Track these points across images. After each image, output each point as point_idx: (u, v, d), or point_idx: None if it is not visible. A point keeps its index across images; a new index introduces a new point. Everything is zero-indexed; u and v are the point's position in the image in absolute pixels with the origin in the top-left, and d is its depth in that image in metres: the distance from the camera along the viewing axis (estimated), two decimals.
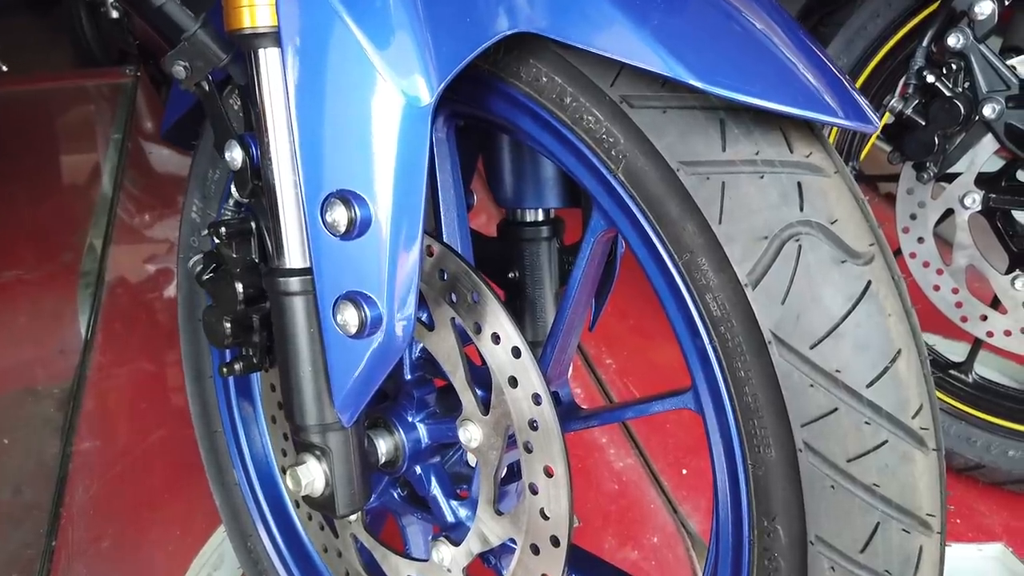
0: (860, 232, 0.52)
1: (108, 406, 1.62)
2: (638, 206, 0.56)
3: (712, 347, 0.54)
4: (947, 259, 1.25)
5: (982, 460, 1.27)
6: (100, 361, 1.76)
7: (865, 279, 0.51)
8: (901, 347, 0.51)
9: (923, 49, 1.16)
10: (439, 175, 0.76)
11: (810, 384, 0.50)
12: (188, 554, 1.27)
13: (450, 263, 0.67)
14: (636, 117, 0.54)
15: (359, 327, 0.61)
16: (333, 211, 0.60)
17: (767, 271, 0.51)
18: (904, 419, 0.50)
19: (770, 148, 0.52)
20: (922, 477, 0.51)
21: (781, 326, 0.50)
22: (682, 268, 0.55)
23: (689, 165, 0.52)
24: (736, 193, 0.51)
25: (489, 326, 0.66)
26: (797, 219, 0.51)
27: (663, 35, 0.50)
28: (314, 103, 0.60)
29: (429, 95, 0.57)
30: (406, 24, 0.57)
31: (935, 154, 1.17)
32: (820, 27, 1.30)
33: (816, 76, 0.52)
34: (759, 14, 0.55)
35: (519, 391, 0.65)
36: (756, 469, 0.54)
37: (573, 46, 0.52)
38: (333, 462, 0.69)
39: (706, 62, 0.49)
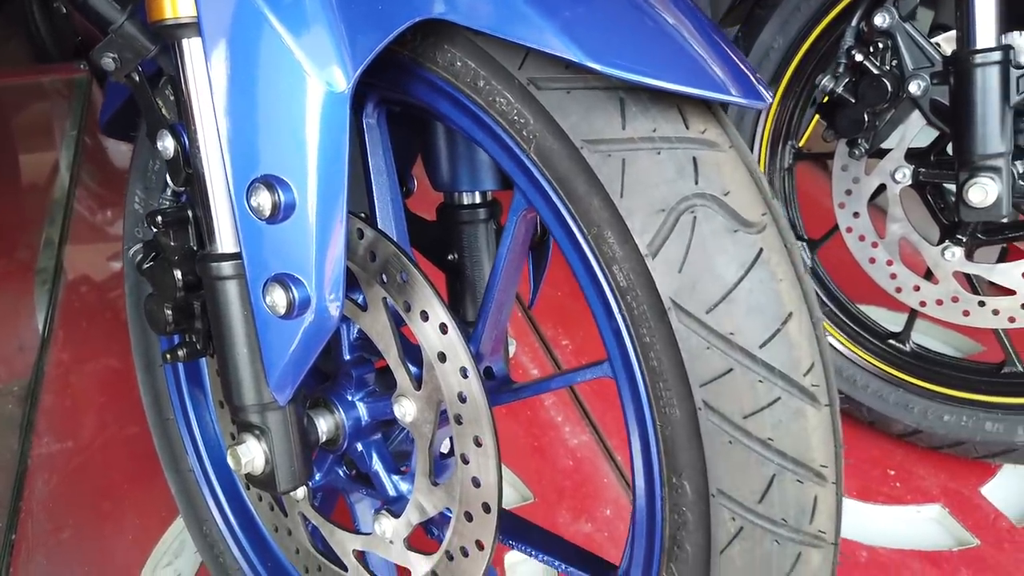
0: (752, 203, 0.55)
1: (67, 401, 1.62)
2: (550, 184, 0.59)
3: (621, 315, 0.57)
4: (882, 232, 1.29)
5: (920, 426, 1.32)
6: (58, 357, 1.76)
7: (757, 247, 0.54)
8: (792, 310, 0.54)
9: (852, 29, 1.20)
10: (371, 160, 0.78)
11: (707, 347, 0.53)
12: (149, 542, 1.28)
13: (380, 245, 0.70)
14: (543, 98, 0.57)
15: (288, 308, 0.63)
16: (258, 196, 0.62)
17: (665, 242, 0.54)
18: (796, 377, 0.54)
19: (667, 125, 0.54)
20: (815, 431, 0.55)
21: (679, 293, 0.53)
22: (591, 241, 0.57)
23: (592, 143, 0.55)
24: (635, 169, 0.54)
25: (418, 304, 0.68)
26: (692, 192, 0.54)
27: (563, 20, 0.52)
28: (236, 91, 0.62)
29: (346, 82, 0.59)
30: (321, 13, 0.59)
31: (866, 131, 1.21)
32: (757, 9, 1.33)
33: (710, 57, 0.55)
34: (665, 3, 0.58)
35: (448, 365, 0.67)
36: (664, 429, 0.57)
37: (482, 32, 0.55)
38: (272, 440, 0.71)
39: (602, 45, 0.52)
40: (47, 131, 3.14)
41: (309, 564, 0.89)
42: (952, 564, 1.20)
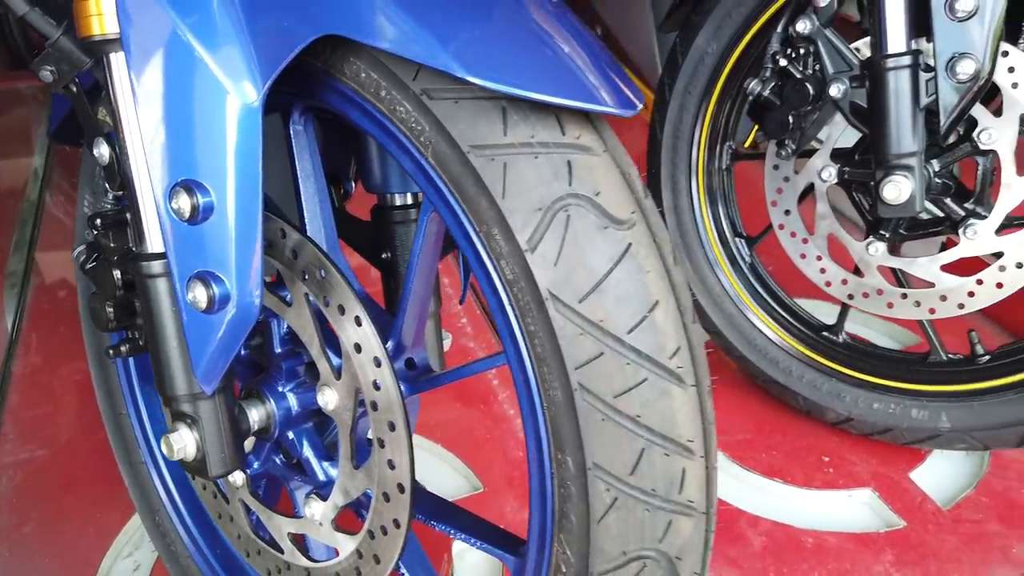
0: (623, 202, 0.60)
1: (33, 401, 1.66)
2: (446, 186, 0.64)
3: (510, 306, 0.62)
4: (811, 229, 1.35)
5: (851, 414, 1.38)
6: (25, 358, 1.80)
7: (626, 242, 0.59)
8: (659, 299, 0.59)
9: (777, 35, 1.26)
10: (298, 164, 0.83)
11: (580, 333, 0.58)
12: (109, 535, 1.32)
13: (301, 245, 0.75)
14: (434, 108, 0.62)
15: (209, 303, 0.68)
16: (178, 199, 0.67)
17: (542, 238, 0.59)
18: (662, 360, 0.59)
19: (545, 132, 0.60)
20: (681, 409, 0.60)
21: (555, 285, 0.59)
22: (483, 238, 0.63)
23: (477, 148, 0.60)
24: (516, 172, 0.59)
25: (336, 299, 0.73)
26: (566, 192, 0.59)
27: (448, 37, 0.57)
28: (157, 101, 0.67)
29: (256, 94, 0.64)
30: (232, 30, 0.64)
31: (792, 132, 1.27)
32: (693, 15, 1.39)
33: (587, 69, 0.60)
34: (541, 15, 0.63)
35: (363, 356, 0.73)
36: (549, 410, 0.62)
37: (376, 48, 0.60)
38: (203, 428, 0.76)
39: (483, 60, 0.57)
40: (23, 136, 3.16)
41: (250, 548, 0.94)
42: (879, 545, 1.26)
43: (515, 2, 0.64)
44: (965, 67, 1.06)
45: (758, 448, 1.46)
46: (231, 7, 0.63)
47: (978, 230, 1.19)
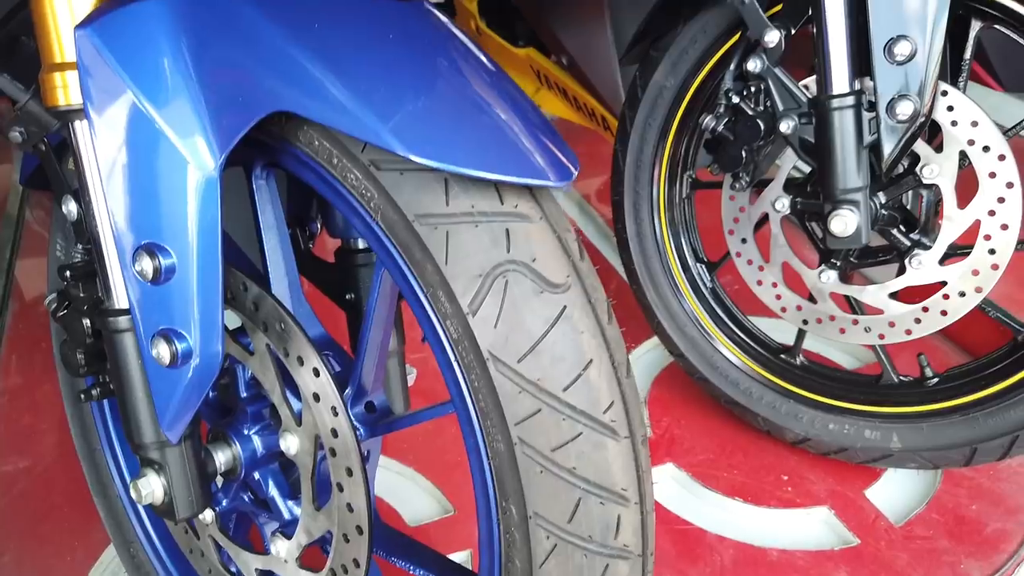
0: (558, 267, 0.64)
1: (11, 427, 1.68)
2: (395, 248, 0.68)
3: (456, 362, 0.66)
4: (767, 257, 1.40)
5: (808, 434, 1.43)
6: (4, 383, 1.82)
7: (561, 305, 0.63)
8: (593, 357, 0.63)
9: (730, 72, 1.30)
10: (261, 216, 0.86)
11: (519, 391, 0.62)
12: (86, 565, 1.35)
13: (262, 298, 0.78)
14: (382, 178, 0.66)
15: (171, 359, 0.71)
16: (141, 261, 0.70)
17: (483, 302, 0.63)
18: (596, 414, 0.63)
19: (484, 202, 0.64)
20: (615, 460, 0.64)
21: (495, 346, 0.63)
22: (429, 299, 0.67)
23: (422, 217, 0.64)
24: (457, 240, 0.63)
25: (295, 351, 0.77)
26: (505, 259, 0.63)
27: (390, 115, 0.61)
28: (119, 168, 0.70)
29: (213, 163, 0.67)
30: (189, 104, 0.67)
31: (745, 165, 1.31)
32: (651, 51, 1.43)
33: (524, 142, 0.64)
34: (481, 84, 0.67)
35: (321, 405, 0.76)
36: (493, 460, 0.66)
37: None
38: (170, 474, 0.79)
39: (424, 138, 0.61)
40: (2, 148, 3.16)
41: None
42: (834, 562, 1.30)
43: (456, 72, 0.68)
44: (904, 108, 1.11)
45: (720, 467, 1.50)
46: (189, 83, 0.67)
47: (923, 260, 1.24)
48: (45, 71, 0.72)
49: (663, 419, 1.62)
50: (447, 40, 0.71)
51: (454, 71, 0.67)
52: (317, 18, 0.66)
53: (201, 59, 0.67)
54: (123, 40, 0.68)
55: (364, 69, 0.63)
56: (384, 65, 0.64)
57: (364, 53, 0.64)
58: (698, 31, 1.36)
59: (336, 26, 0.66)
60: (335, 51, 0.64)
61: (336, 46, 0.64)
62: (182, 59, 0.67)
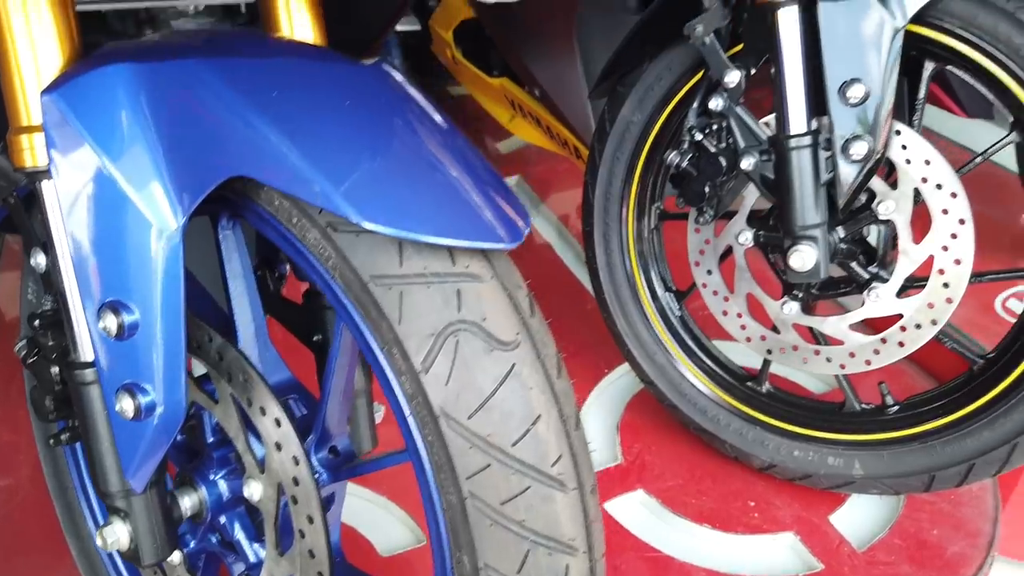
0: (508, 325, 0.66)
1: None
2: (352, 306, 0.70)
3: (412, 416, 0.69)
4: (732, 288, 1.43)
5: (774, 460, 1.46)
6: None
7: (510, 362, 0.66)
8: (541, 412, 0.66)
9: (694, 110, 1.34)
10: (227, 265, 0.88)
11: (470, 446, 0.65)
12: None
13: (226, 349, 0.80)
14: (338, 239, 0.68)
15: (135, 413, 0.73)
16: (105, 319, 0.72)
17: (434, 361, 0.65)
18: (544, 468, 0.65)
19: (437, 263, 0.66)
20: (563, 511, 0.66)
21: (446, 403, 0.65)
22: (386, 356, 0.69)
23: (376, 278, 0.67)
24: (410, 300, 0.66)
25: (257, 401, 0.79)
26: (456, 319, 0.65)
27: (343, 182, 0.64)
28: (84, 227, 0.72)
29: (175, 224, 0.69)
30: (151, 167, 0.69)
31: (709, 200, 1.35)
32: (619, 87, 1.47)
33: (475, 201, 0.67)
34: (436, 145, 0.70)
35: (283, 454, 0.78)
36: (447, 512, 0.68)
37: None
38: (135, 521, 0.81)
39: (376, 205, 0.63)
40: None
41: None
42: None
43: (411, 136, 0.70)
44: (858, 148, 1.15)
45: (689, 493, 1.53)
46: (152, 147, 0.69)
47: (880, 293, 1.27)
48: (12, 133, 0.73)
49: (634, 445, 1.64)
50: (404, 103, 0.73)
51: (409, 134, 0.70)
52: (275, 85, 0.68)
53: (163, 124, 0.69)
54: (88, 105, 0.70)
55: (320, 136, 0.66)
56: (340, 131, 0.67)
57: (320, 120, 0.67)
58: (663, 68, 1.39)
59: (293, 93, 0.68)
60: (292, 118, 0.66)
61: (293, 113, 0.67)
62: (145, 124, 0.69)
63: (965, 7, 1.11)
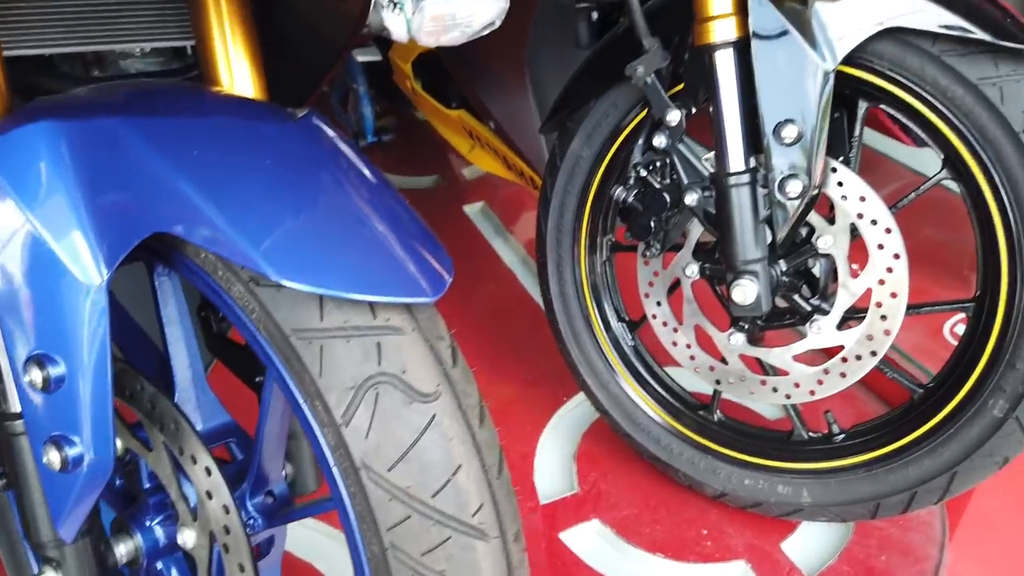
0: (428, 376, 0.68)
1: None
2: (279, 359, 0.71)
3: (335, 467, 0.69)
4: (680, 319, 1.45)
5: (725, 489, 1.47)
6: None
7: (431, 414, 0.67)
8: (462, 463, 0.67)
9: (639, 147, 1.37)
10: (163, 311, 0.89)
11: (390, 498, 0.66)
12: None
13: (156, 397, 0.81)
14: (260, 293, 0.69)
15: (62, 465, 0.73)
16: (31, 372, 0.72)
17: (355, 414, 0.66)
18: (464, 518, 0.66)
19: (357, 317, 0.67)
20: (484, 560, 0.67)
21: (367, 455, 0.66)
22: (311, 408, 0.70)
23: (298, 331, 0.68)
24: (331, 354, 0.67)
25: (188, 450, 0.79)
26: (376, 372, 0.66)
27: (262, 239, 0.65)
28: (9, 281, 0.72)
29: (100, 279, 0.70)
30: (76, 223, 0.69)
31: (655, 234, 1.37)
32: (568, 123, 1.49)
33: (397, 255, 0.68)
34: (360, 198, 0.71)
35: (214, 502, 0.79)
36: (371, 562, 0.69)
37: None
38: (67, 571, 0.81)
39: (294, 262, 0.65)
40: None
41: None
42: None
43: (335, 191, 0.72)
44: (793, 187, 1.18)
45: (644, 523, 1.54)
46: (75, 203, 0.69)
47: (822, 325, 1.30)
48: None
49: (591, 474, 1.66)
50: (331, 157, 0.75)
51: (334, 189, 0.71)
52: (199, 143, 0.69)
53: (87, 181, 0.69)
54: (12, 161, 0.70)
55: (240, 194, 0.67)
56: (261, 189, 0.68)
57: (241, 177, 0.68)
58: (609, 105, 1.42)
59: (216, 151, 0.69)
60: (213, 176, 0.67)
61: (215, 171, 0.68)
62: (69, 181, 0.70)
63: (894, 50, 1.15)
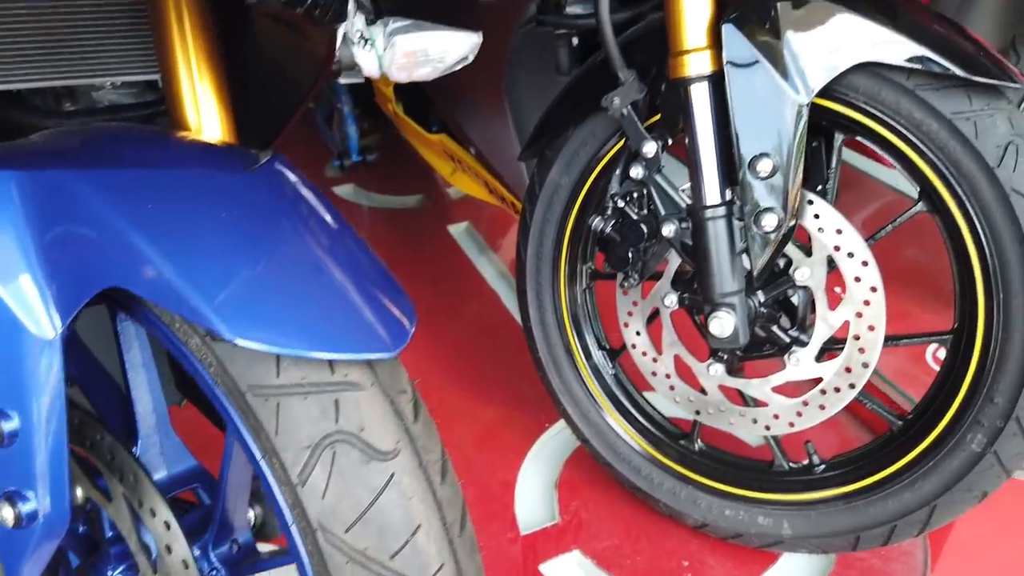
0: (387, 434, 0.66)
1: None
2: (236, 414, 0.70)
3: (294, 525, 0.68)
4: (660, 349, 1.44)
5: (706, 519, 1.46)
6: None
7: (389, 472, 0.65)
8: (421, 522, 0.66)
9: (617, 177, 1.36)
10: (126, 356, 0.88)
11: (347, 560, 0.64)
12: None
13: (116, 450, 0.79)
14: (216, 348, 0.68)
15: (16, 521, 0.72)
16: None
17: (311, 474, 0.65)
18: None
19: (315, 373, 0.66)
20: None
21: (323, 516, 0.65)
22: (269, 464, 0.68)
23: (254, 388, 0.66)
24: (287, 411, 0.65)
25: (147, 502, 0.78)
26: (333, 430, 0.65)
27: (213, 295, 0.64)
28: None
29: (54, 332, 0.69)
30: (30, 275, 0.68)
31: (633, 264, 1.36)
32: (547, 151, 1.49)
33: (357, 309, 0.67)
34: (325, 258, 0.70)
35: (174, 556, 0.77)
36: None
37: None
38: None
39: (248, 320, 0.63)
40: None
41: None
42: None
43: (295, 244, 0.71)
44: (769, 221, 1.17)
45: (625, 553, 1.52)
46: (29, 256, 0.68)
47: (800, 357, 1.29)
48: None
49: (572, 503, 1.64)
50: (292, 205, 0.73)
51: (293, 240, 0.70)
52: (154, 195, 0.68)
53: (39, 233, 0.68)
54: None
55: (195, 248, 0.66)
56: (216, 243, 0.67)
57: (197, 230, 0.67)
58: (588, 134, 1.41)
59: (172, 202, 0.68)
60: (167, 229, 0.66)
61: (169, 224, 0.67)
62: (21, 232, 0.68)
63: (869, 84, 1.15)
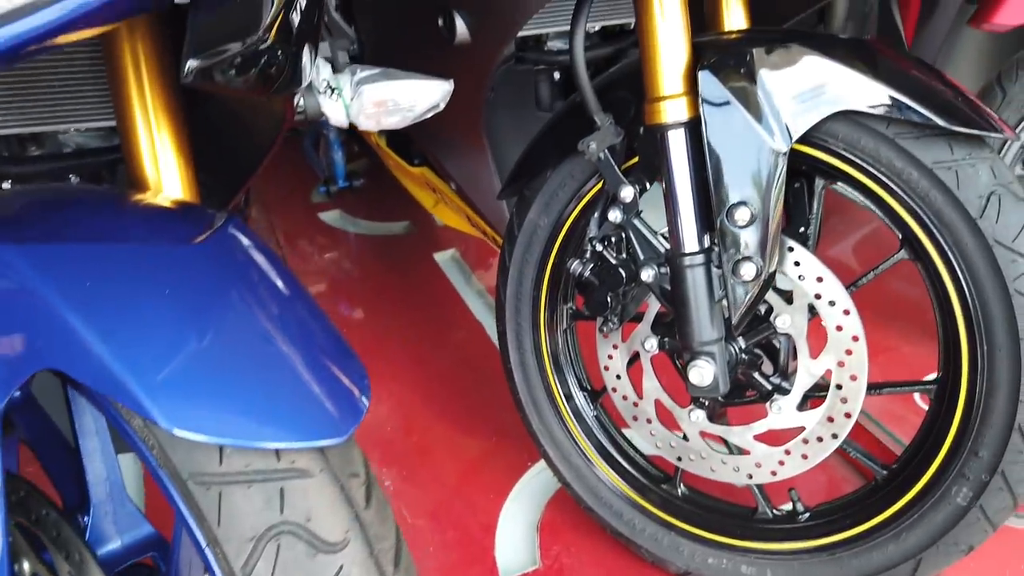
0: (336, 523, 0.63)
1: None
2: (180, 500, 0.66)
3: None
4: (640, 393, 1.41)
5: (689, 567, 1.43)
6: None
7: (338, 565, 0.62)
8: None
9: (595, 220, 1.34)
10: (77, 422, 0.85)
11: None
12: None
13: (60, 524, 0.76)
14: (158, 434, 0.64)
15: None
16: None
17: (254, 568, 0.62)
18: None
19: (260, 460, 0.63)
20: None
21: None
22: (213, 555, 0.65)
23: (195, 475, 0.63)
24: (230, 501, 0.62)
25: None
26: (278, 520, 0.62)
27: (152, 383, 0.61)
28: None
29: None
30: None
31: (612, 309, 1.34)
32: (525, 191, 1.46)
33: (303, 399, 0.64)
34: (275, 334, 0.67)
35: None
36: None
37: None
38: None
39: (188, 407, 0.61)
40: None
41: None
42: None
43: (243, 314, 0.68)
44: (747, 270, 1.15)
45: None
46: None
47: (782, 405, 1.27)
48: None
49: (553, 547, 1.61)
50: (240, 277, 0.71)
51: (240, 317, 0.68)
52: (92, 270, 0.65)
53: None
54: None
55: (134, 331, 0.63)
56: (158, 323, 0.64)
57: (137, 312, 0.64)
58: (566, 175, 1.39)
59: (113, 281, 0.65)
60: (105, 310, 0.63)
61: (108, 304, 0.64)
62: None
63: (848, 131, 1.13)
